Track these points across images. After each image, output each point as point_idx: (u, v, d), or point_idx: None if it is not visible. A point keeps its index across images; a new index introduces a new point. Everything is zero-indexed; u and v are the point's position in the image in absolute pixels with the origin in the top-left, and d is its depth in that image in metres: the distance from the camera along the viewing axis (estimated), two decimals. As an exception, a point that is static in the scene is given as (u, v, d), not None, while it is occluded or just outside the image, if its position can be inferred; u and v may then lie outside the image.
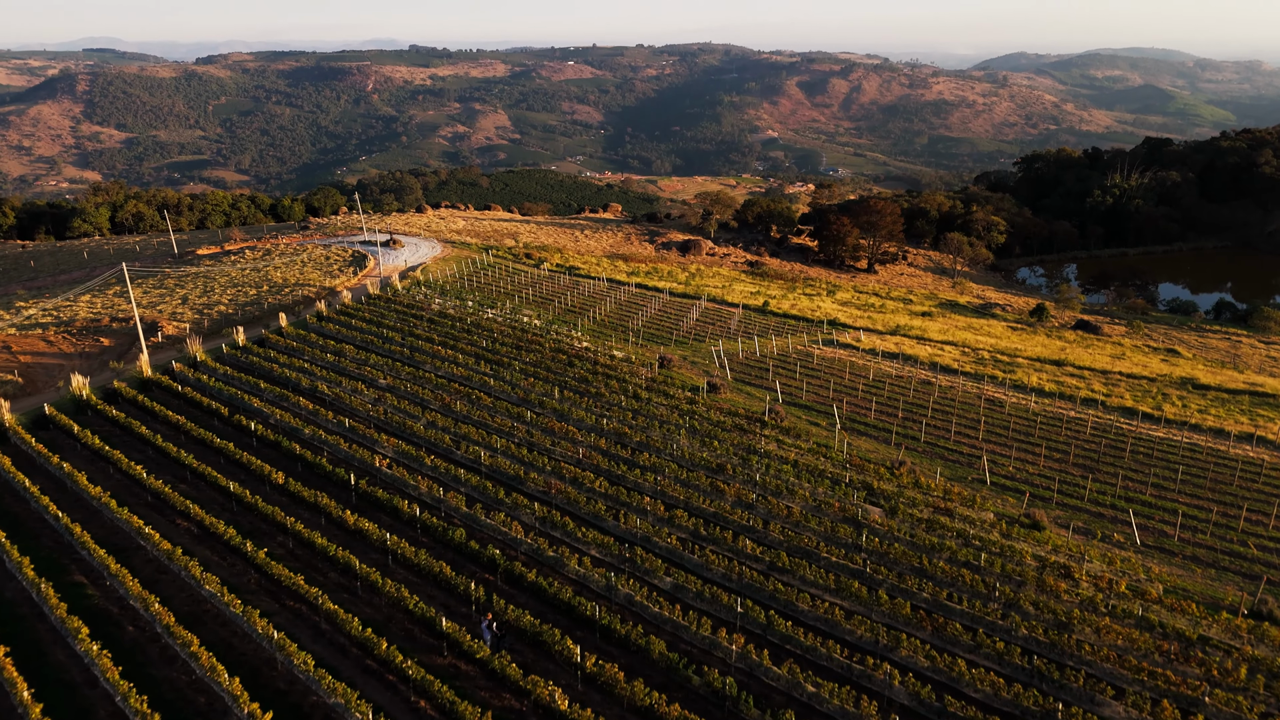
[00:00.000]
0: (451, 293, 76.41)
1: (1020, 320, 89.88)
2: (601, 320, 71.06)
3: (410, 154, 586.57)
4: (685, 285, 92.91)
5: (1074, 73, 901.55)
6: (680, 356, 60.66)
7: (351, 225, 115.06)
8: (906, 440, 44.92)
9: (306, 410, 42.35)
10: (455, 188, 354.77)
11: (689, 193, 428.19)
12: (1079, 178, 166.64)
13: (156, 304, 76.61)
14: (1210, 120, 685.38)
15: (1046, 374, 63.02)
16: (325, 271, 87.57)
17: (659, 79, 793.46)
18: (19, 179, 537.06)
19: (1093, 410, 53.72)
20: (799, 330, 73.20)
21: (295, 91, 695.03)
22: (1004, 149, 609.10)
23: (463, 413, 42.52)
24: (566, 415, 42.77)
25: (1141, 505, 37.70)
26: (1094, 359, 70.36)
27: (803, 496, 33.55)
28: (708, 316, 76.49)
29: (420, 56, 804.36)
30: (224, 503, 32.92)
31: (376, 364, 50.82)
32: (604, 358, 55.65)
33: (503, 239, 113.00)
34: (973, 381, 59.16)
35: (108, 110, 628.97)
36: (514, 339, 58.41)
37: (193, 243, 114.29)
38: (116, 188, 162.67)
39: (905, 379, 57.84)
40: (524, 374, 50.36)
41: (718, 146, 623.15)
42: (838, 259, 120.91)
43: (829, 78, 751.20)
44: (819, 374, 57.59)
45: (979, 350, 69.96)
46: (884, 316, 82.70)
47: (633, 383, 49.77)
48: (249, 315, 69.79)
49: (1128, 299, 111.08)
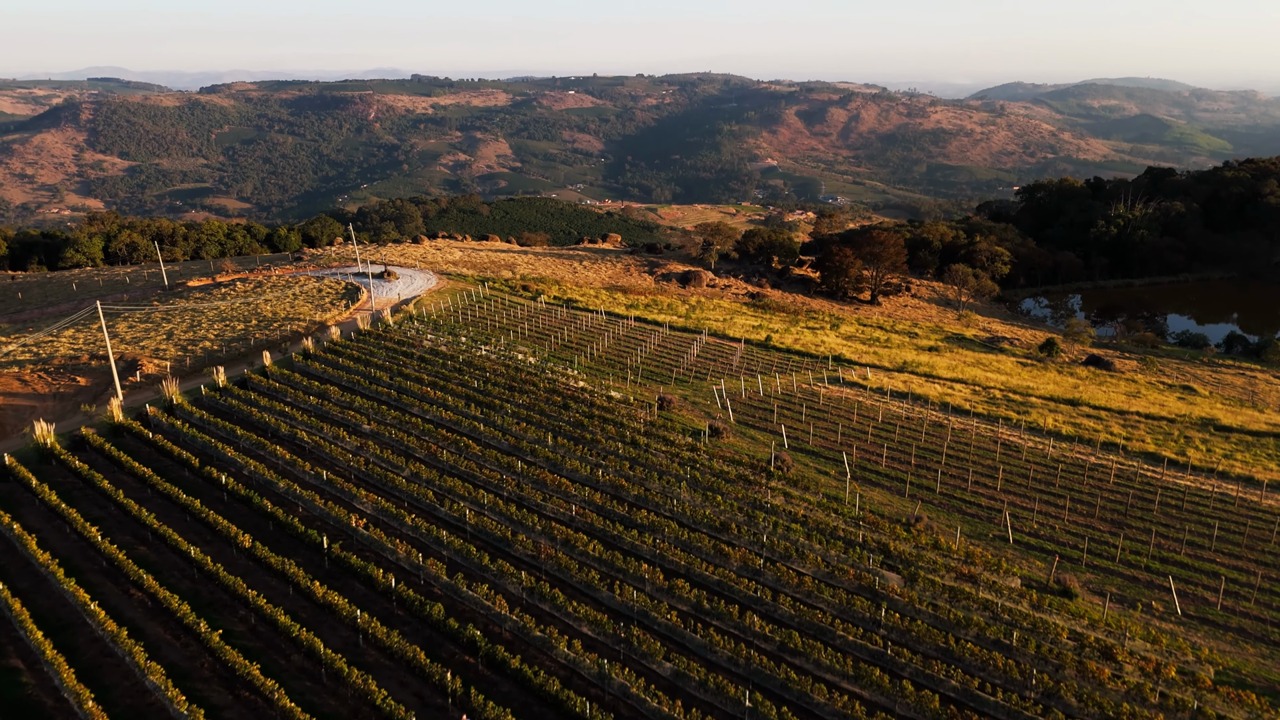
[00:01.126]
0: (445, 328, 74.19)
1: (1030, 355, 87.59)
2: (599, 357, 68.73)
3: (411, 182, 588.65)
4: (685, 319, 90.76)
5: (1070, 102, 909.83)
6: (680, 396, 58.22)
7: (346, 256, 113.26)
8: (921, 491, 42.33)
9: (283, 460, 39.82)
10: (455, 216, 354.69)
11: (689, 221, 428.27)
12: (1082, 208, 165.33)
13: (141, 339, 74.36)
14: (1207, 149, 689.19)
15: (1062, 415, 60.54)
16: (316, 305, 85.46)
17: (659, 108, 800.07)
18: (21, 206, 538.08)
19: (1114, 456, 51.18)
20: (803, 367, 70.84)
21: (298, 120, 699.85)
22: (1002, 177, 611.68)
23: (449, 463, 39.99)
24: (560, 465, 40.24)
25: (1178, 567, 35.04)
26: (1109, 398, 67.93)
27: (814, 561, 30.92)
28: (709, 352, 74.18)
29: (422, 86, 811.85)
30: (185, 568, 30.31)
31: (361, 407, 48.38)
32: (601, 399, 53.23)
33: (499, 270, 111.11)
34: (986, 424, 56.66)
35: (111, 139, 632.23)
36: (507, 378, 56.01)
37: (185, 274, 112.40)
38: (112, 217, 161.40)
39: (916, 421, 55.36)
40: (516, 418, 47.89)
41: (717, 175, 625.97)
42: (840, 290, 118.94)
43: (828, 107, 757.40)
44: (826, 415, 55.13)
45: (990, 389, 67.53)
46: (890, 352, 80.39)
47: (631, 427, 47.29)
48: (234, 352, 67.49)
49: (1137, 332, 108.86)
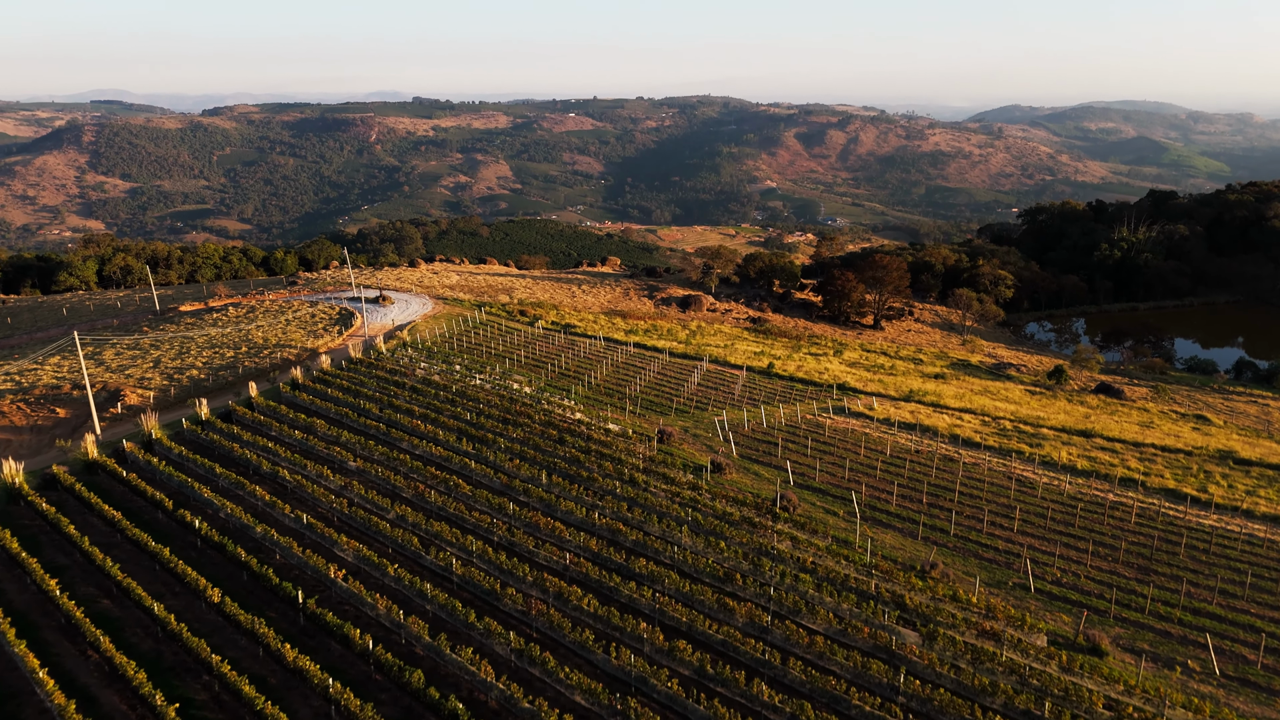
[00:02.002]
0: (439, 355, 72.36)
1: (1038, 383, 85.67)
2: (597, 385, 66.83)
3: (412, 203, 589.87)
4: (685, 345, 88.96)
5: (1068, 125, 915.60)
6: (681, 429, 56.24)
7: (342, 280, 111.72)
8: (935, 533, 40.23)
9: (262, 502, 37.76)
10: (455, 237, 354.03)
11: (688, 242, 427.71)
12: (1084, 230, 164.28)
13: (127, 367, 72.46)
14: (1204, 171, 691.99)
15: (1075, 447, 58.52)
16: (309, 331, 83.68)
17: (659, 130, 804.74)
18: (22, 228, 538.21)
19: (1133, 493, 49.09)
20: (807, 396, 68.90)
21: (299, 142, 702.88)
22: (1001, 199, 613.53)
23: (437, 505, 37.93)
24: (554, 507, 38.18)
25: (1211, 619, 32.89)
26: (1122, 429, 65.94)
27: (825, 618, 28.79)
28: (710, 380, 72.28)
29: (423, 108, 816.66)
30: (149, 625, 28.18)
31: (348, 442, 46.38)
32: (598, 432, 51.25)
33: (497, 295, 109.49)
34: (998, 457, 54.62)
35: (113, 160, 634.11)
36: (501, 410, 54.07)
37: (178, 298, 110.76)
38: (107, 239, 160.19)
39: (926, 455, 53.33)
40: (509, 453, 45.87)
41: (717, 196, 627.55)
42: (843, 315, 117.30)
43: (826, 129, 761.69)
44: (832, 449, 53.11)
45: (1000, 419, 65.55)
46: (896, 380, 78.48)
47: (629, 463, 45.27)
48: (221, 381, 65.57)
49: (1145, 358, 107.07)
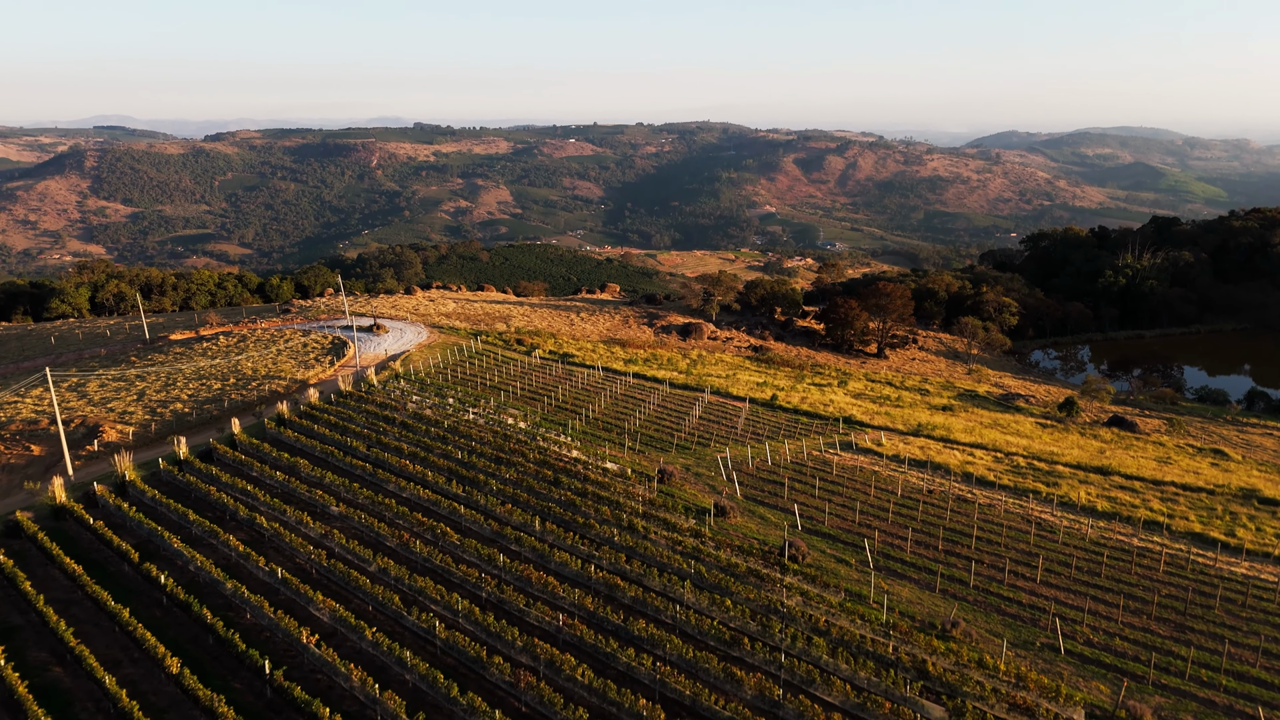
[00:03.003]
0: (432, 387, 70.18)
1: (1049, 415, 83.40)
2: (595, 419, 64.57)
3: (413, 228, 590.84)
4: (686, 375, 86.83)
5: (1065, 150, 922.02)
6: (682, 466, 53.90)
7: (336, 308, 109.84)
8: (954, 585, 37.77)
9: (236, 553, 35.36)
10: (455, 262, 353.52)
11: (688, 267, 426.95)
12: (1088, 257, 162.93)
13: (110, 400, 70.24)
14: (1202, 197, 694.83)
15: (1094, 486, 56.13)
16: (300, 361, 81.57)
17: (658, 156, 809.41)
18: (23, 253, 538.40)
19: (1158, 537, 46.65)
20: (812, 430, 66.61)
21: (300, 167, 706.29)
22: (1000, 224, 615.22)
23: (422, 556, 35.53)
24: (547, 558, 35.77)
25: (1258, 685, 30.39)
26: (1139, 465, 63.57)
27: (841, 689, 26.32)
28: (711, 413, 70.04)
29: (425, 134, 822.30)
30: (100, 698, 25.71)
31: (332, 484, 44.03)
32: (595, 472, 48.92)
33: (494, 323, 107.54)
34: (1014, 498, 52.21)
35: (115, 185, 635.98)
36: (494, 448, 51.78)
37: (169, 326, 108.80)
38: (101, 265, 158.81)
39: (939, 495, 50.95)
40: (501, 496, 43.53)
41: (716, 221, 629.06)
42: (846, 343, 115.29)
43: (825, 154, 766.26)
44: (840, 488, 50.74)
45: (1013, 455, 63.21)
46: (903, 412, 76.22)
47: (628, 506, 42.90)
48: (206, 416, 63.32)
49: (1154, 387, 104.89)
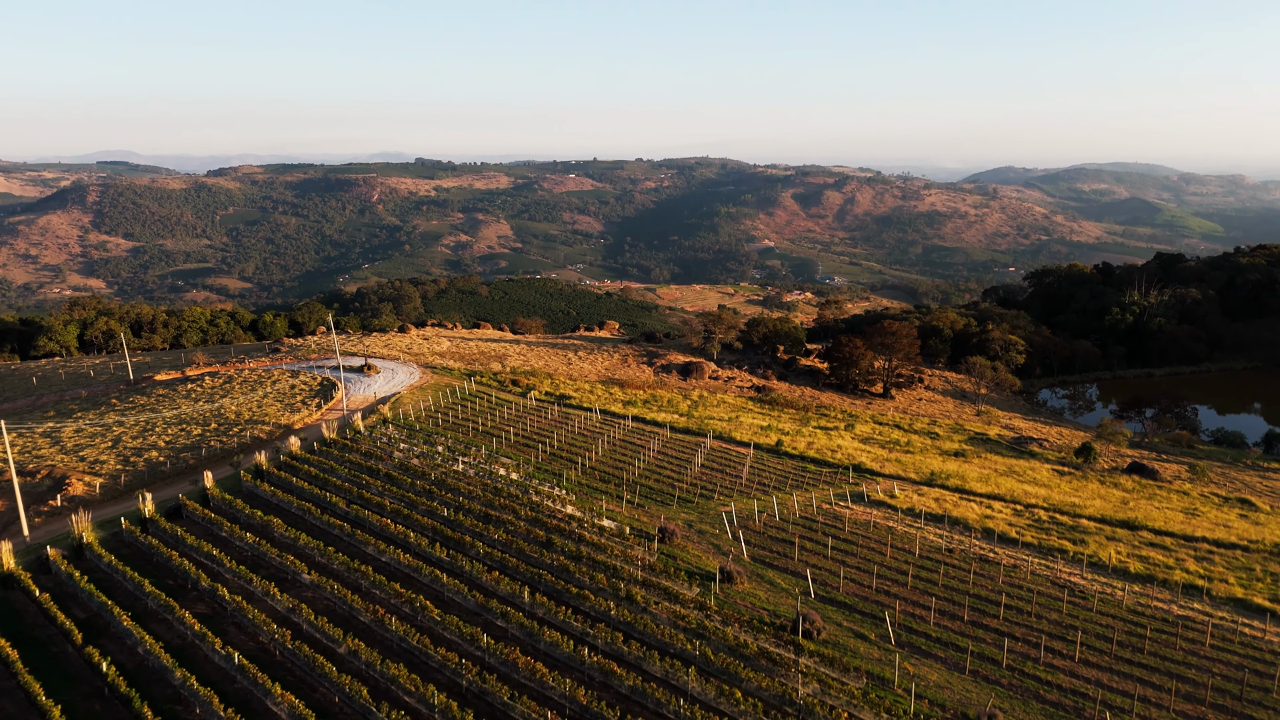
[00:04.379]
0: (421, 433, 67.01)
1: (1065, 461, 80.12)
2: (592, 468, 61.32)
3: (413, 262, 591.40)
4: (688, 417, 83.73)
5: (1061, 185, 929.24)
6: (684, 523, 50.56)
7: (327, 347, 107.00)
8: (985, 664, 34.31)
9: (191, 632, 31.96)
10: (454, 296, 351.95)
11: (687, 301, 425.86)
12: (1093, 294, 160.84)
13: (83, 447, 66.98)
14: (1198, 232, 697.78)
15: (1122, 543, 52.76)
16: (286, 405, 78.46)
17: (658, 191, 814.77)
18: (23, 287, 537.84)
19: (1198, 604, 43.24)
20: (820, 479, 63.34)
21: (302, 202, 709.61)
22: (998, 258, 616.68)
23: (398, 635, 32.11)
24: (537, 637, 32.36)
25: (1338, 792, 26.90)
26: (1166, 518, 60.20)
27: (871, 808, 22.86)
28: (714, 460, 66.81)
29: (425, 169, 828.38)
30: (15, 821, 22.23)
31: (306, 548, 40.69)
32: (591, 530, 45.60)
33: (489, 362, 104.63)
34: (1039, 557, 48.82)
35: (116, 220, 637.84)
36: (484, 502, 48.51)
37: (155, 365, 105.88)
38: (92, 302, 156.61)
39: (959, 555, 47.55)
40: (488, 562, 40.19)
41: (715, 255, 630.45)
42: (851, 383, 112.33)
43: (823, 190, 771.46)
44: (854, 548, 47.36)
45: (1033, 507, 59.88)
46: (914, 459, 72.97)
47: (626, 572, 39.54)
48: (181, 465, 60.06)
49: (1170, 429, 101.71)
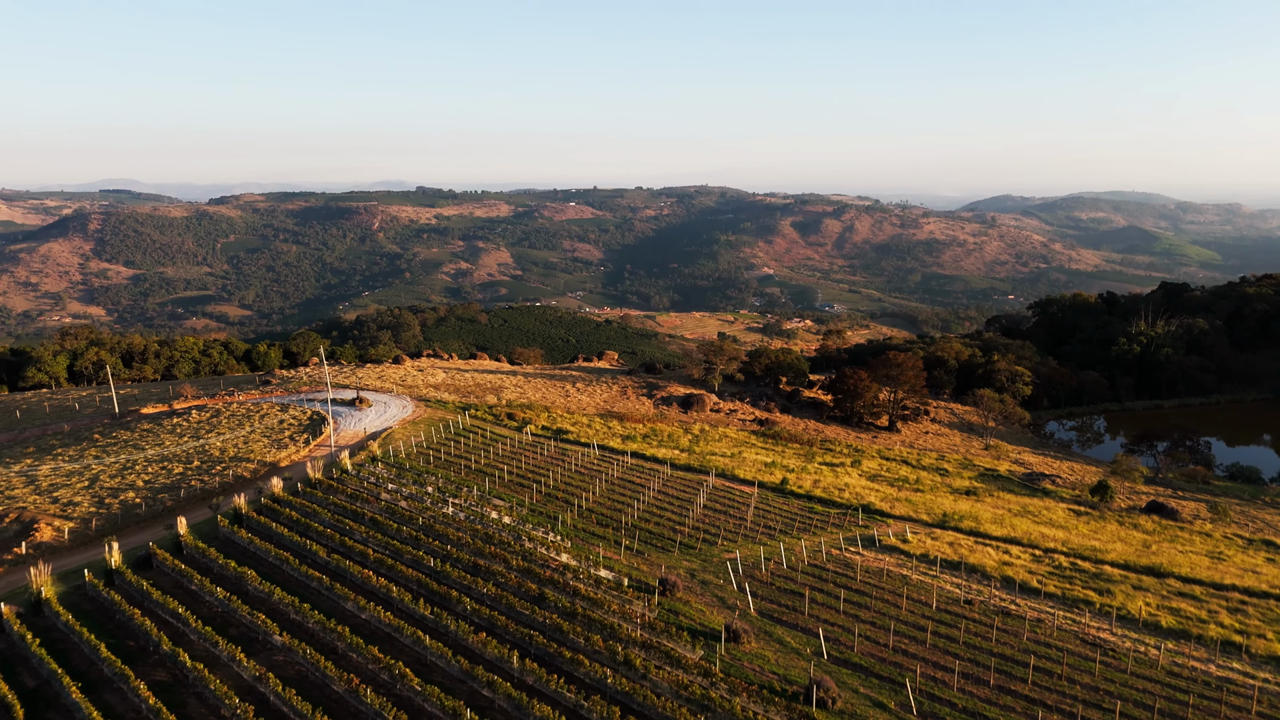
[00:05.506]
0: (411, 472, 64.29)
1: (1080, 500, 77.24)
2: (589, 510, 58.56)
3: (413, 290, 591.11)
4: (689, 453, 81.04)
5: (1059, 214, 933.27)
6: (687, 572, 47.72)
7: (320, 379, 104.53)
8: (1015, 739, 31.39)
9: (146, 706, 29.10)
10: (454, 324, 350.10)
11: (687, 328, 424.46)
12: (1099, 324, 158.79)
13: (59, 487, 64.21)
14: (1197, 260, 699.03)
15: (1150, 593, 49.85)
16: (273, 440, 75.78)
17: (657, 219, 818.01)
18: (22, 314, 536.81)
19: (1238, 663, 40.31)
20: (829, 522, 60.53)
21: (303, 230, 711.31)
22: (997, 286, 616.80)
23: (374, 709, 29.24)
24: (526, 711, 29.47)
25: None
26: (1191, 563, 57.32)
27: None
28: (717, 500, 64.06)
29: (426, 197, 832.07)
30: None
31: (280, 604, 37.87)
32: (587, 582, 42.79)
33: (485, 395, 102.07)
34: (1064, 609, 45.90)
35: (117, 248, 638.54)
36: (473, 551, 45.74)
37: (142, 398, 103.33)
38: (85, 332, 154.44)
39: (979, 608, 44.66)
40: (475, 620, 37.35)
41: (715, 283, 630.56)
42: (855, 415, 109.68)
43: (822, 218, 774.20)
44: (867, 599, 44.48)
45: (1052, 552, 56.99)
46: (924, 498, 70.16)
47: (624, 632, 36.70)
48: (158, 507, 57.30)
49: (1184, 464, 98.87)
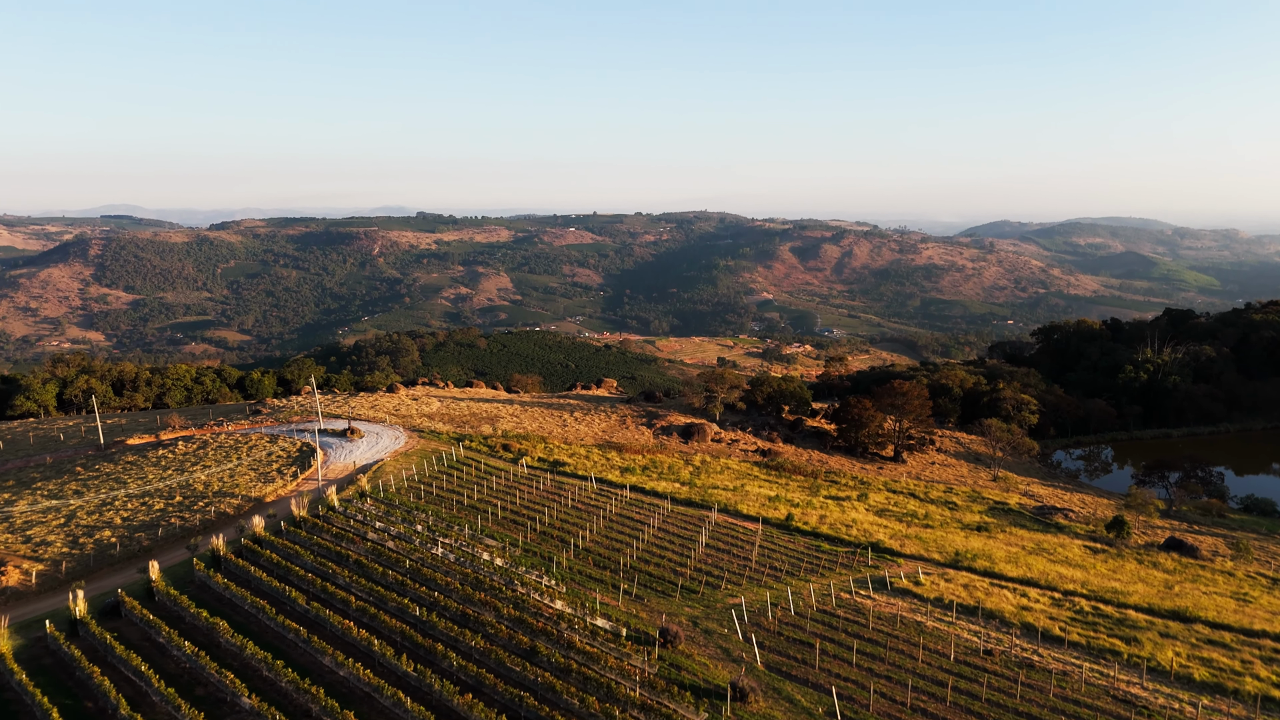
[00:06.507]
0: (401, 509, 61.75)
1: (1096, 536, 74.54)
2: (586, 549, 56.00)
3: (413, 314, 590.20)
4: (690, 486, 78.48)
5: (1057, 239, 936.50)
6: (689, 619, 45.10)
7: (312, 408, 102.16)
8: (1049, 816, 28.69)
9: (95, 783, 26.49)
10: (452, 349, 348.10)
11: (686, 353, 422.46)
12: (1103, 350, 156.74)
13: (33, 524, 61.59)
14: (1195, 285, 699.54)
15: (1179, 641, 47.14)
16: (260, 474, 73.26)
17: (657, 244, 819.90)
18: (21, 339, 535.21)
19: (1281, 721, 37.62)
20: (837, 562, 57.91)
21: (303, 255, 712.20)
22: (996, 311, 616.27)
23: (346, 786, 26.63)
24: (513, 788, 26.86)
25: None
26: (1217, 606, 54.62)
27: None
28: (720, 538, 61.47)
29: (427, 222, 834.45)
30: None
31: (251, 659, 35.26)
32: (582, 632, 40.19)
33: (480, 424, 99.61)
34: (1090, 660, 43.20)
35: (118, 273, 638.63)
36: (462, 598, 43.17)
37: (129, 428, 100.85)
38: (76, 359, 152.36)
39: (999, 657, 41.97)
40: (462, 679, 34.71)
41: (714, 308, 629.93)
42: (860, 445, 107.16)
43: (821, 243, 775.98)
44: (881, 650, 41.82)
45: (1071, 594, 54.32)
46: (935, 535, 67.52)
47: (622, 691, 34.08)
48: (134, 548, 54.69)
49: (1198, 496, 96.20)
